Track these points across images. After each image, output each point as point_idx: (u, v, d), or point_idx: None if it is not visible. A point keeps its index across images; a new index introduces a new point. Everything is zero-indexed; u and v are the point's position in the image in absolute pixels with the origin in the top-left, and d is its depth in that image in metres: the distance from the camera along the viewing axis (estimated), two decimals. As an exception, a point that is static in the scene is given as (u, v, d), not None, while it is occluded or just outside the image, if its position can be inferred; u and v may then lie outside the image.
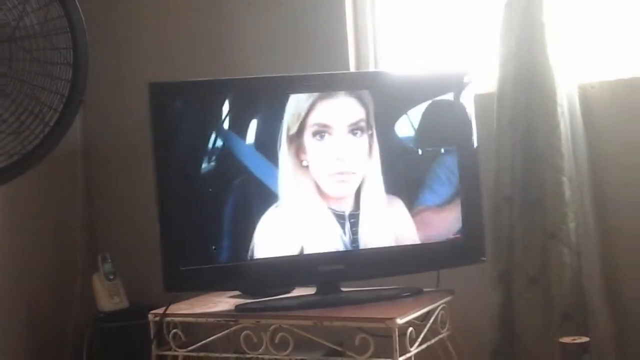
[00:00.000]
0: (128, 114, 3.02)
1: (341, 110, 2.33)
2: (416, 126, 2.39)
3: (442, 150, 2.40)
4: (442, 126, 2.40)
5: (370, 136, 2.34)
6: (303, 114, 2.30)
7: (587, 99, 2.45)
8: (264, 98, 2.33)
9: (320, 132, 2.30)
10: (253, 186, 2.28)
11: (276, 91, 2.33)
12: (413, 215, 2.37)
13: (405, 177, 2.38)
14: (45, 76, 2.21)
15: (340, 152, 2.32)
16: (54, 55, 2.20)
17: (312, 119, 2.30)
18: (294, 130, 2.29)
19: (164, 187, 2.25)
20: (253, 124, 2.30)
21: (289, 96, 2.30)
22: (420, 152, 2.39)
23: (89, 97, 2.30)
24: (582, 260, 2.40)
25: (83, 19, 2.22)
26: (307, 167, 2.31)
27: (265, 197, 2.28)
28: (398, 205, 2.37)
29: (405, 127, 2.39)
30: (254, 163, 2.28)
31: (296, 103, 2.30)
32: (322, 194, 2.32)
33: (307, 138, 2.30)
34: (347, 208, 2.33)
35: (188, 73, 2.78)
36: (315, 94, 2.30)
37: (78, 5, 2.22)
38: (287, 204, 2.30)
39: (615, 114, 2.44)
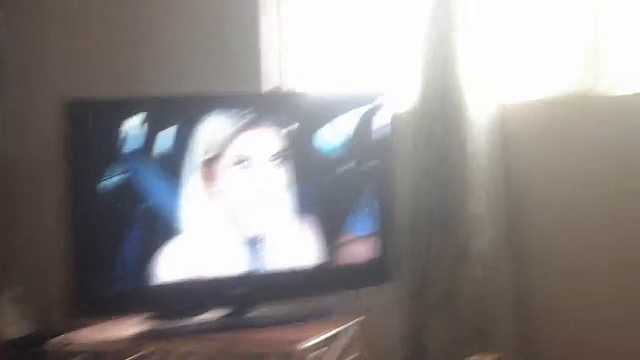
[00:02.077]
0: (36, 130, 2.94)
1: (262, 141, 2.32)
2: (332, 147, 2.38)
3: (357, 169, 2.40)
4: (358, 144, 2.40)
5: (288, 162, 2.33)
6: (223, 142, 2.27)
7: (506, 118, 2.48)
8: (177, 117, 2.28)
9: (239, 162, 2.29)
10: (156, 215, 2.23)
11: (190, 111, 2.29)
12: (326, 237, 2.36)
13: (318, 198, 2.37)
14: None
15: (256, 183, 2.31)
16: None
17: (233, 150, 2.28)
18: (208, 158, 2.26)
19: (71, 208, 2.18)
20: (161, 150, 2.25)
21: (204, 118, 2.26)
22: (336, 173, 2.38)
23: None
24: (494, 276, 2.40)
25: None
26: (217, 193, 2.27)
27: (169, 226, 2.24)
28: (310, 227, 2.35)
29: (323, 147, 2.38)
30: (160, 190, 2.24)
31: (214, 129, 2.27)
32: (232, 220, 2.29)
33: (224, 166, 2.27)
34: (256, 234, 2.31)
35: (99, 89, 2.73)
36: (237, 125, 2.28)
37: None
38: (191, 233, 2.26)
39: (533, 133, 2.48)
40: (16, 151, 3.03)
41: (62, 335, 2.27)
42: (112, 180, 2.20)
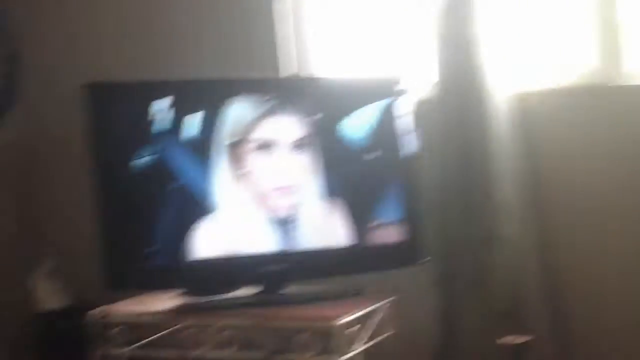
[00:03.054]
0: (64, 114, 2.98)
1: (285, 127, 2.34)
2: (357, 132, 2.41)
3: (383, 156, 2.42)
4: (383, 131, 2.43)
5: (312, 148, 2.36)
6: (246, 127, 2.30)
7: (523, 106, 2.50)
8: (202, 101, 2.32)
9: (264, 146, 2.32)
10: (187, 195, 2.27)
11: (215, 95, 2.32)
12: (355, 221, 2.39)
13: (346, 183, 2.40)
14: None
15: (281, 167, 2.34)
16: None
17: (256, 134, 2.31)
18: (235, 139, 2.30)
19: (102, 188, 2.24)
20: (188, 131, 2.29)
21: (229, 102, 2.29)
22: (361, 158, 2.41)
23: (23, 99, 2.26)
24: (521, 261, 2.44)
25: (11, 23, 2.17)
26: (245, 175, 2.31)
27: (200, 206, 2.28)
28: (339, 211, 2.38)
29: (347, 133, 2.41)
30: (189, 171, 2.28)
31: (238, 113, 2.30)
32: (261, 201, 2.33)
33: (249, 150, 2.31)
34: (286, 216, 2.34)
35: (123, 74, 2.76)
36: (260, 111, 2.30)
37: (6, 10, 2.16)
38: (223, 213, 2.30)
39: (550, 121, 2.50)
40: (48, 131, 3.07)
41: (99, 308, 2.31)
42: (142, 159, 2.25)
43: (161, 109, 2.28)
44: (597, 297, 2.46)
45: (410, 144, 2.45)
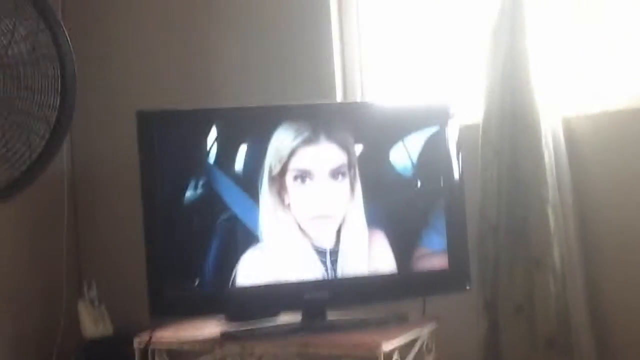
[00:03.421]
0: (114, 141, 3.04)
1: (322, 156, 2.34)
2: (401, 159, 2.41)
3: (428, 182, 2.42)
4: (428, 158, 2.42)
5: (353, 176, 2.35)
6: (285, 157, 2.31)
7: (571, 130, 2.48)
8: (248, 130, 2.34)
9: (302, 176, 2.32)
10: (235, 225, 2.29)
11: (261, 122, 2.34)
12: (399, 247, 2.38)
13: (390, 210, 2.39)
14: (33, 103, 2.22)
15: (320, 196, 2.33)
16: (42, 83, 2.22)
17: (293, 164, 2.31)
18: (276, 171, 2.31)
19: (150, 215, 2.26)
20: (237, 160, 2.31)
21: (273, 130, 2.30)
22: (406, 185, 2.41)
23: (76, 123, 2.31)
24: (566, 288, 2.41)
25: (71, 47, 2.24)
26: (288, 206, 2.32)
27: (247, 236, 2.29)
28: (383, 238, 2.38)
29: (390, 160, 2.41)
30: (237, 201, 2.29)
31: (279, 144, 2.30)
32: (303, 232, 2.33)
33: (289, 180, 2.31)
34: (328, 244, 2.34)
35: (175, 102, 2.80)
36: (298, 140, 2.31)
37: (66, 34, 2.23)
38: (268, 242, 2.31)
39: (598, 145, 2.47)
40: (99, 159, 3.12)
41: (142, 334, 2.33)
42: (192, 189, 2.27)
43: (209, 138, 2.31)
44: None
45: (455, 169, 2.44)
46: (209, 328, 2.41)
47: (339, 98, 2.81)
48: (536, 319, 2.40)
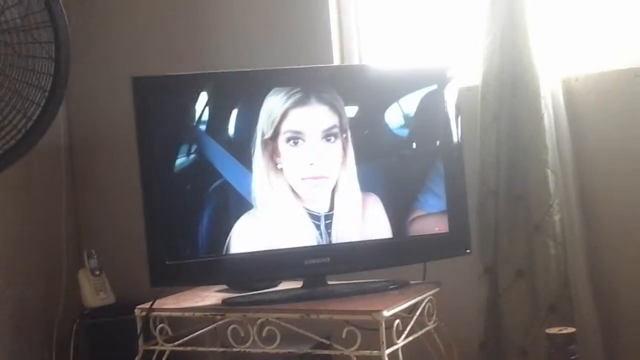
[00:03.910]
0: (112, 108, 3.01)
1: (314, 117, 2.31)
2: (397, 121, 2.38)
3: (426, 146, 2.40)
4: (424, 120, 2.40)
5: (345, 139, 2.33)
6: (277, 120, 2.28)
7: (570, 92, 2.46)
8: (241, 95, 2.31)
9: (294, 138, 2.29)
10: (228, 192, 2.27)
11: (253, 87, 2.30)
12: (396, 213, 2.36)
13: (387, 173, 2.37)
14: (27, 70, 2.19)
15: (313, 158, 2.30)
16: (36, 49, 2.19)
17: (286, 126, 2.29)
18: (268, 134, 2.28)
19: (149, 183, 2.24)
20: (228, 126, 2.28)
21: (264, 94, 2.27)
22: (403, 147, 2.38)
23: (72, 91, 2.29)
24: (567, 252, 2.40)
25: (64, 12, 2.21)
26: (281, 170, 2.30)
27: (240, 203, 2.27)
28: (380, 202, 2.36)
29: (386, 122, 2.38)
30: (228, 168, 2.27)
31: (270, 107, 2.28)
32: (297, 195, 2.31)
33: (281, 143, 2.29)
34: (322, 208, 2.32)
35: (172, 68, 2.77)
36: (290, 102, 2.28)
37: (59, 0, 2.20)
38: (262, 208, 2.29)
39: (598, 107, 2.45)
40: (96, 126, 3.11)
41: (143, 304, 2.32)
42: (184, 156, 2.25)
43: (201, 103, 2.28)
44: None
45: (454, 132, 2.41)
46: (211, 297, 2.41)
47: (336, 62, 2.78)
48: (537, 284, 2.41)
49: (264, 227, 2.30)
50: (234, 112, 2.30)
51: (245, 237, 2.28)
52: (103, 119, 3.08)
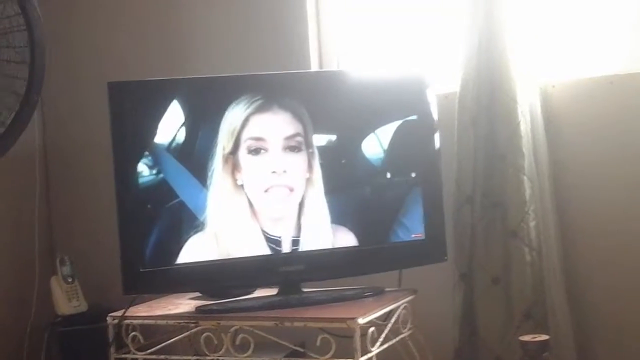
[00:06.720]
0: (85, 113, 2.99)
1: (276, 123, 2.28)
2: (367, 131, 2.35)
3: (402, 153, 2.38)
4: (400, 127, 2.38)
5: (311, 154, 2.30)
6: (237, 129, 2.25)
7: (547, 98, 2.47)
8: (204, 104, 2.28)
9: (255, 147, 2.26)
10: (182, 211, 2.24)
11: (215, 95, 2.28)
12: (372, 218, 2.35)
13: (357, 180, 2.35)
14: (1, 75, 2.17)
15: (275, 166, 2.27)
16: (10, 54, 2.17)
17: (246, 134, 2.26)
18: (228, 148, 2.25)
19: (123, 189, 2.22)
20: (188, 141, 2.25)
21: (226, 108, 2.24)
22: (376, 169, 2.36)
23: (47, 96, 2.27)
24: (542, 259, 2.41)
25: (40, 17, 2.19)
26: (241, 186, 2.27)
27: (191, 222, 2.24)
28: (352, 208, 2.34)
29: (355, 132, 2.35)
30: (185, 185, 2.24)
31: (232, 118, 2.25)
32: (255, 215, 2.28)
33: (242, 155, 2.26)
34: (285, 231, 2.29)
35: (149, 74, 2.75)
36: (250, 108, 2.25)
37: (35, 4, 2.18)
38: (214, 230, 2.25)
39: (574, 113, 2.47)
40: (70, 132, 3.08)
41: (116, 312, 2.30)
42: (145, 167, 2.22)
43: (167, 110, 2.24)
44: (617, 296, 2.43)
45: (430, 138, 2.40)
46: (184, 304, 2.39)
47: (314, 68, 2.77)
48: (512, 291, 2.41)
49: (215, 246, 2.26)
50: (197, 123, 2.27)
51: (209, 247, 2.26)
52: (78, 124, 3.06)
